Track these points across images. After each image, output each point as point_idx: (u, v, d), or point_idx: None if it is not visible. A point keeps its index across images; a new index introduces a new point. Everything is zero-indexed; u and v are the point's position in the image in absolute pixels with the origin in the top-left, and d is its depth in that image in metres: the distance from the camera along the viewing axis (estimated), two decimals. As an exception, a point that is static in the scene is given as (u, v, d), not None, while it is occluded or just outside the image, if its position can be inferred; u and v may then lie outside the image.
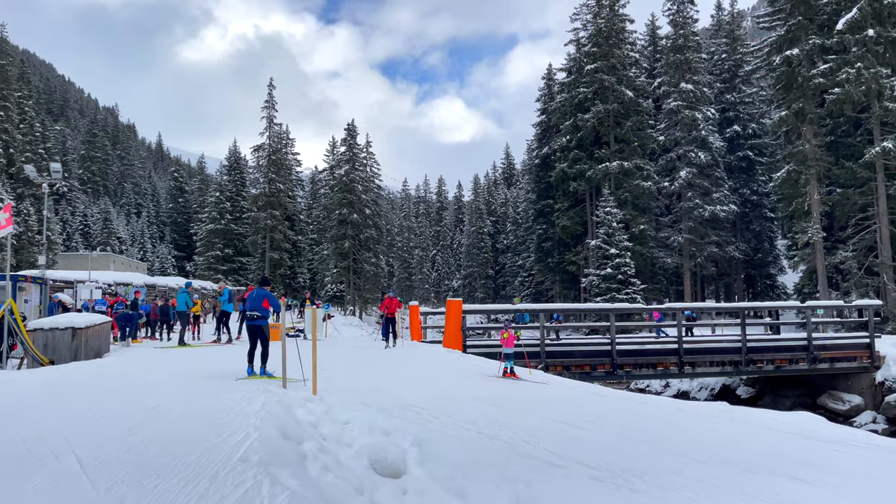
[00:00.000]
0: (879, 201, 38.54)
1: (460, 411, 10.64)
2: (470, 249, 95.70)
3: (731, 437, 9.27)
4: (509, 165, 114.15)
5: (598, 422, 10.13)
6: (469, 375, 14.57)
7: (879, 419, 22.16)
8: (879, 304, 26.56)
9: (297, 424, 8.49)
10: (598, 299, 43.31)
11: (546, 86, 66.70)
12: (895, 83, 37.09)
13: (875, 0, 38.25)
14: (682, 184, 49.45)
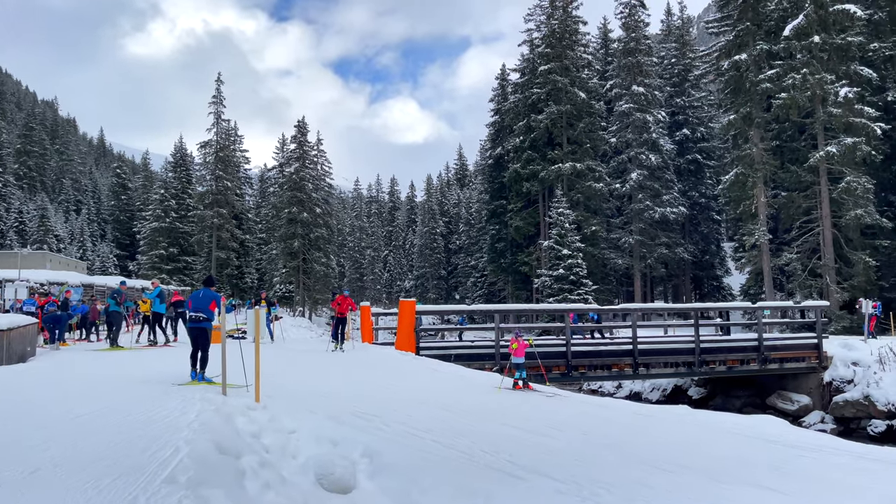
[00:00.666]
0: (823, 204, 39.42)
1: (413, 418, 10.04)
2: (422, 250, 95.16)
3: (694, 442, 8.93)
4: (462, 166, 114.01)
5: (559, 427, 9.68)
6: (441, 381, 13.97)
7: (827, 419, 22.42)
8: (826, 305, 26.98)
9: (236, 436, 7.77)
10: (551, 300, 43.26)
11: (500, 86, 66.62)
12: (839, 89, 37.98)
13: (820, 7, 39.16)
14: (634, 186, 49.87)
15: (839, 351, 23.59)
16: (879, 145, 39.39)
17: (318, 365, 15.13)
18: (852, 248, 39.22)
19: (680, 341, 23.52)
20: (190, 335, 11.71)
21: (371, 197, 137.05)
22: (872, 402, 21.29)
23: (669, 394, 28.60)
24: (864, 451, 8.65)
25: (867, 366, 22.41)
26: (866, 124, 37.88)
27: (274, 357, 15.30)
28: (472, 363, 19.29)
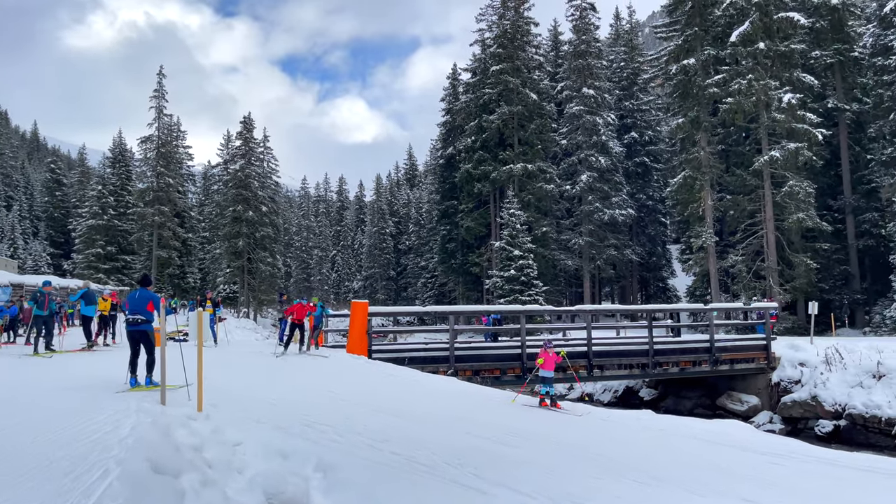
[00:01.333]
0: (766, 208, 40.28)
1: (369, 427, 9.42)
2: (371, 250, 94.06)
3: (665, 450, 8.58)
4: (412, 166, 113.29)
5: (524, 436, 9.21)
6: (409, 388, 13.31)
7: (776, 419, 22.65)
8: (775, 307, 27.40)
9: (175, 451, 7.02)
10: (502, 301, 43.05)
11: (451, 86, 66.24)
12: (782, 95, 38.86)
13: (765, 15, 40.03)
14: (584, 187, 50.15)
15: (787, 352, 23.90)
16: (820, 151, 40.51)
17: (265, 370, 14.32)
18: (794, 250, 40.20)
19: (633, 343, 23.47)
20: (129, 339, 10.90)
21: (319, 196, 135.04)
22: (819, 403, 21.58)
23: (621, 395, 28.61)
24: (835, 458, 8.44)
25: (814, 366, 22.74)
26: (808, 130, 38.87)
27: (218, 362, 14.43)
28: (427, 366, 18.75)
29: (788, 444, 9.31)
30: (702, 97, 42.28)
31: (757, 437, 9.66)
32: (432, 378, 14.69)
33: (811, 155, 38.91)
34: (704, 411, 24.93)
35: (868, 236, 44.12)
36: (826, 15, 44.53)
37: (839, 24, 44.65)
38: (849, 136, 45.25)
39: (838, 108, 44.31)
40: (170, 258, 67.22)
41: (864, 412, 20.38)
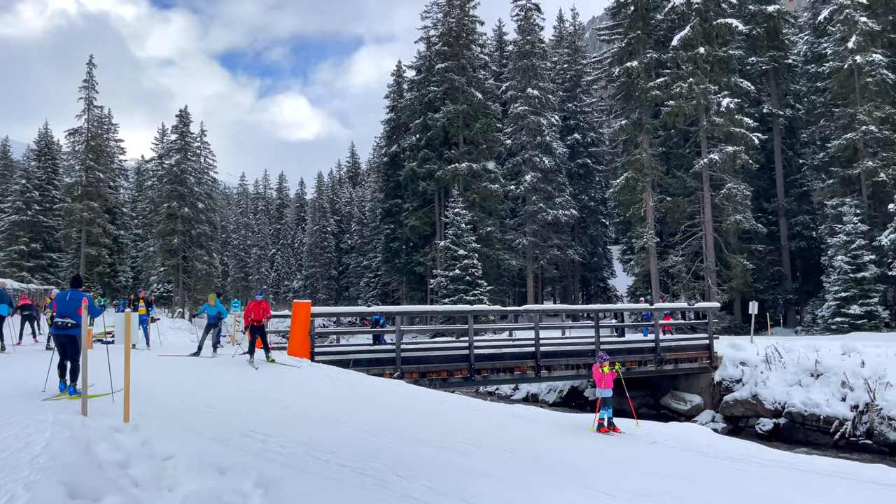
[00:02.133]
0: (705, 209, 41.13)
1: (315, 437, 8.78)
2: (312, 249, 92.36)
3: (628, 457, 8.25)
4: (355, 164, 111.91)
5: (479, 444, 8.74)
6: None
7: (718, 418, 22.90)
8: (717, 307, 27.80)
9: (96, 470, 6.29)
10: (446, 300, 42.68)
11: (395, 83, 65.50)
12: (721, 100, 39.73)
13: (705, 21, 40.85)
14: (528, 188, 50.26)
15: (728, 351, 24.22)
16: (756, 155, 41.63)
17: (201, 374, 13.44)
18: (731, 251, 41.15)
19: (581, 343, 23.37)
20: (56, 343, 10.06)
21: (258, 193, 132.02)
22: (760, 401, 21.90)
23: (566, 395, 28.56)
24: (794, 461, 8.26)
25: (755, 365, 23.10)
26: (745, 134, 39.86)
27: (148, 366, 13.47)
28: (372, 368, 18.13)
29: (748, 447, 9.13)
30: (644, 99, 42.86)
31: (716, 442, 9.45)
32: (379, 381, 14.10)
33: (748, 158, 39.92)
34: (649, 411, 25.05)
35: (800, 238, 45.64)
36: (762, 22, 45.83)
37: (774, 32, 46.01)
38: (782, 141, 46.71)
39: (773, 113, 45.68)
40: (100, 256, 64.25)
41: (803, 410, 20.75)
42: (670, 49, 41.43)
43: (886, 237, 34.31)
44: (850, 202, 37.21)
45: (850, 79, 38.83)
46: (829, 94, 41.48)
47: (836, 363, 21.40)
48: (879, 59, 37.92)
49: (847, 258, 35.25)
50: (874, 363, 20.86)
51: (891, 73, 38.61)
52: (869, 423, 19.47)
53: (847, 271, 35.02)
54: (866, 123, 37.51)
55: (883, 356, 21.49)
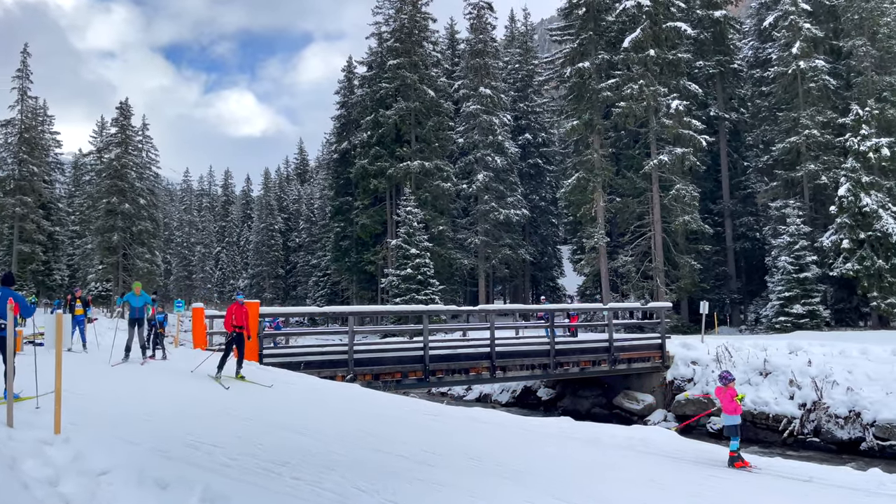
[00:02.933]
0: (654, 210, 41.65)
1: (266, 447, 8.19)
2: (259, 247, 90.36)
3: (597, 464, 7.93)
4: (303, 161, 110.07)
5: (440, 452, 8.29)
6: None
7: (670, 417, 23.02)
8: (669, 307, 28.02)
9: (22, 490, 5.67)
10: (398, 300, 42.12)
11: (346, 79, 64.48)
12: (670, 102, 40.26)
13: (655, 24, 41.35)
14: (480, 187, 50.09)
15: (679, 350, 24.41)
16: (703, 157, 42.36)
17: (141, 379, 12.62)
18: (679, 251, 41.78)
19: (535, 343, 23.20)
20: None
21: (202, 190, 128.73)
22: (711, 400, 21.99)
23: (519, 395, 28.39)
24: (766, 465, 8.06)
25: (705, 365, 23.32)
26: (693, 136, 40.49)
27: (84, 370, 12.58)
28: (324, 371, 17.52)
29: (714, 451, 8.93)
30: (595, 100, 43.14)
31: (677, 442, 9.24)
32: (332, 385, 13.51)
33: (696, 160, 40.58)
34: (602, 410, 25.11)
35: (744, 239, 46.71)
36: (709, 27, 46.71)
37: (721, 37, 46.96)
38: (728, 144, 47.75)
39: (719, 116, 46.63)
40: (33, 253, 61.40)
41: (753, 409, 20.97)
42: (621, 51, 41.79)
43: (827, 238, 35.30)
44: (793, 204, 38.18)
45: (794, 84, 39.86)
46: (774, 99, 42.51)
47: (784, 362, 21.74)
48: (822, 65, 39.02)
49: (790, 259, 36.13)
50: (820, 362, 21.24)
51: (832, 79, 39.79)
52: (816, 421, 19.80)
53: (790, 271, 35.90)
54: (809, 128, 38.54)
55: (828, 355, 21.94)
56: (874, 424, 18.44)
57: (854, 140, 35.20)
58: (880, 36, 38.58)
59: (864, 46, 38.18)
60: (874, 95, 37.67)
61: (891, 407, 18.51)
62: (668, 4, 41.89)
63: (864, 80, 38.41)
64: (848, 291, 36.60)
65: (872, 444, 18.24)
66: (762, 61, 45.72)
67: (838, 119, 38.61)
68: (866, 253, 33.78)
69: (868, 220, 33.81)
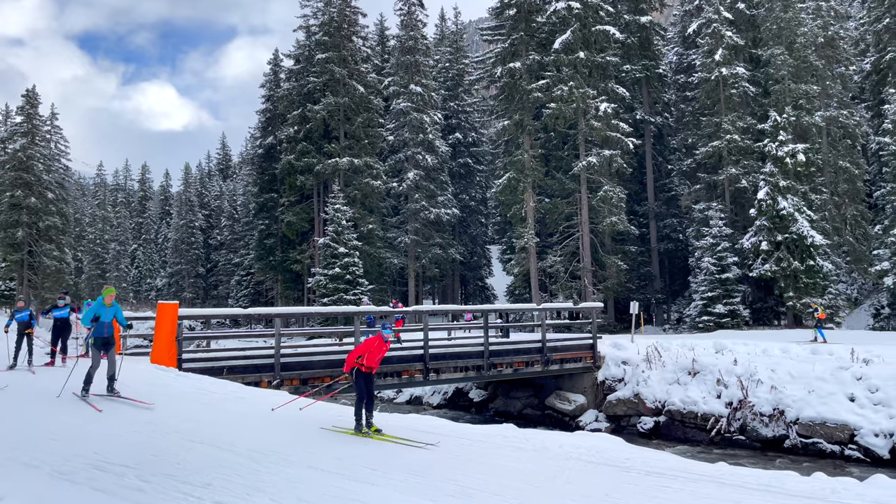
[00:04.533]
0: (582, 211, 42.13)
1: (186, 466, 7.36)
2: (178, 245, 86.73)
3: (546, 475, 7.48)
4: (226, 156, 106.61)
5: (381, 468, 7.66)
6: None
7: (601, 417, 23.07)
8: (601, 307, 28.16)
9: None
10: (325, 300, 41.01)
11: (272, 72, 62.52)
12: (599, 104, 40.79)
13: (584, 27, 41.81)
14: (410, 185, 49.49)
15: (611, 351, 24.49)
16: (630, 159, 43.14)
17: (43, 391, 11.43)
18: (606, 252, 42.41)
19: (469, 344, 22.76)
20: None
21: (118, 184, 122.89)
22: (642, 400, 22.23)
23: (451, 397, 27.95)
24: (717, 474, 7.82)
25: (636, 365, 23.45)
26: (621, 139, 41.17)
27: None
28: (248, 376, 16.51)
29: (666, 459, 8.65)
30: (526, 101, 43.25)
31: (628, 451, 8.93)
32: (258, 393, 12.63)
33: (623, 163, 41.27)
34: (534, 411, 24.97)
35: (668, 240, 47.92)
36: (636, 32, 47.67)
37: (647, 42, 48.02)
38: (653, 147, 48.88)
39: (645, 120, 47.65)
40: (-74, 250, 56.88)
41: (682, 408, 21.21)
42: (552, 52, 42.06)
43: (747, 240, 36.47)
44: (715, 207, 39.31)
45: (716, 90, 41.07)
46: (697, 104, 43.72)
47: (711, 361, 22.08)
48: (742, 73, 40.35)
49: (713, 260, 37.16)
50: (745, 361, 21.67)
51: (752, 87, 41.22)
52: (742, 419, 20.15)
53: (713, 272, 36.92)
54: (730, 133, 39.78)
55: (752, 353, 22.43)
56: (797, 422, 18.86)
57: (772, 146, 36.50)
58: (797, 46, 40.19)
59: (782, 55, 39.69)
60: (791, 103, 39.20)
61: (812, 405, 18.98)
62: (598, 8, 42.45)
63: (781, 88, 39.93)
64: (765, 292, 37.95)
65: (796, 441, 18.66)
66: (686, 67, 47.01)
67: (757, 125, 40.02)
68: (783, 254, 35.07)
69: (785, 222, 35.10)
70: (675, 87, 48.89)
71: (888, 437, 17.03)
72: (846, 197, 42.57)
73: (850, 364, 19.98)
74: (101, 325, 11.00)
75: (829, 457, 17.58)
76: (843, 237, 41.68)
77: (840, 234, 41.54)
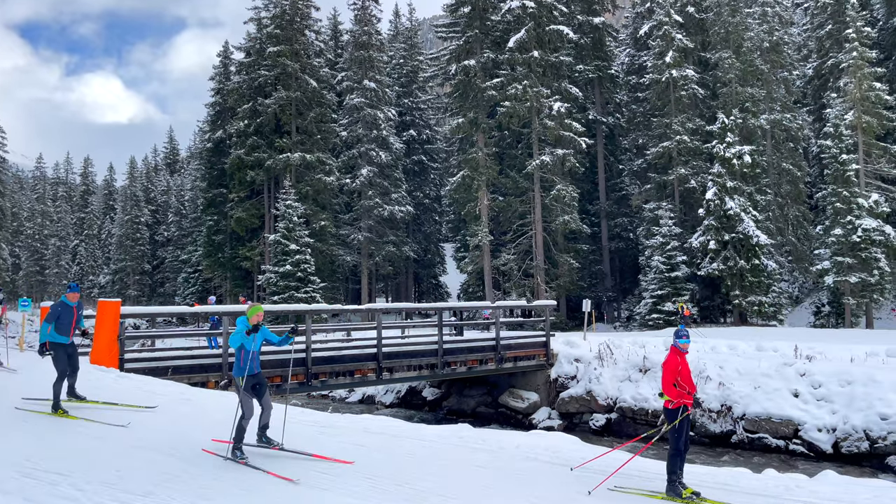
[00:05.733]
0: (536, 210, 42.35)
1: (126, 475, 6.97)
2: (122, 241, 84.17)
3: (505, 477, 7.33)
4: (173, 150, 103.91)
5: (333, 472, 7.40)
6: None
7: (554, 415, 23.17)
8: (553, 305, 28.28)
9: None
10: (276, 298, 40.24)
11: (222, 64, 61.10)
12: (553, 103, 41.05)
13: (538, 26, 42.02)
14: (364, 182, 48.99)
15: (563, 348, 24.61)
16: (582, 159, 43.55)
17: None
18: (559, 250, 42.74)
19: (423, 343, 22.57)
20: None
21: (58, 178, 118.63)
22: (594, 397, 22.39)
23: (404, 396, 27.69)
24: (687, 472, 7.77)
25: (588, 362, 23.62)
26: (574, 138, 41.52)
27: None
28: (194, 376, 15.99)
29: (620, 458, 8.59)
30: (480, 99, 43.24)
31: (588, 453, 8.86)
32: (205, 394, 12.18)
33: (575, 162, 41.63)
34: (487, 409, 24.93)
35: (619, 239, 48.60)
36: (589, 33, 48.17)
37: (599, 43, 48.57)
38: (605, 147, 49.49)
39: (597, 120, 48.19)
40: None
41: (633, 405, 21.44)
42: (506, 50, 42.14)
43: (696, 239, 37.19)
44: (665, 206, 39.99)
45: (667, 91, 41.76)
46: (648, 105, 44.41)
47: (662, 359, 22.29)
48: (692, 75, 41.13)
49: (662, 259, 37.79)
50: (694, 358, 21.92)
51: (701, 89, 42.07)
52: (692, 415, 20.45)
53: (662, 271, 37.54)
54: (679, 134, 40.50)
55: (701, 351, 22.80)
56: (744, 418, 19.25)
57: (720, 147, 37.28)
58: (744, 50, 41.16)
59: (730, 59, 40.58)
60: (738, 105, 40.13)
61: (758, 401, 19.40)
62: (552, 8, 42.71)
63: (728, 91, 40.84)
64: (713, 290, 38.77)
65: (742, 436, 19.03)
66: (637, 68, 47.70)
67: (706, 126, 40.84)
68: (730, 254, 35.88)
69: (731, 222, 35.91)
70: (626, 87, 49.58)
71: (831, 431, 17.49)
72: (789, 198, 43.82)
73: (793, 360, 20.49)
74: (248, 355, 8.01)
75: (775, 451, 17.97)
76: (785, 237, 42.88)
77: (783, 234, 42.73)
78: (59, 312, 9.82)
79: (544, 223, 42.42)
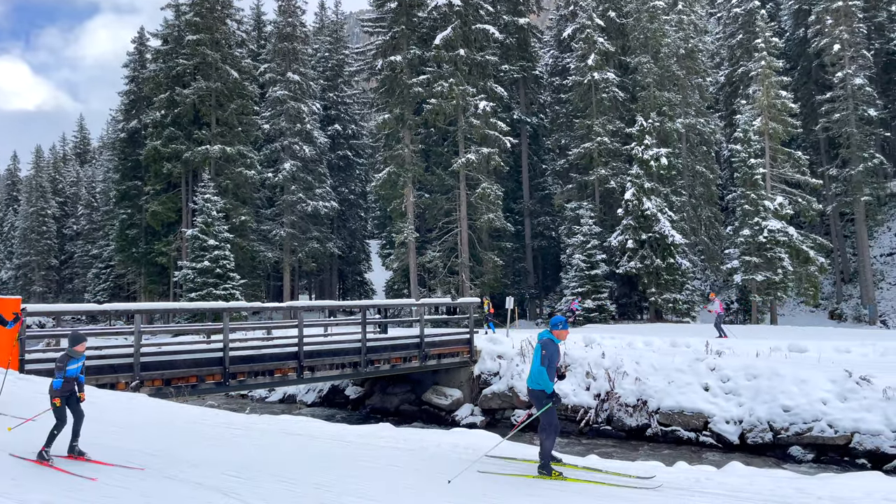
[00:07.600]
0: (461, 207, 42.61)
1: (24, 484, 6.53)
2: (27, 234, 79.56)
3: (431, 477, 7.26)
4: (84, 140, 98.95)
5: (246, 474, 7.15)
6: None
7: (476, 411, 23.32)
8: (478, 302, 28.47)
9: None
10: (193, 295, 38.90)
11: (137, 51, 58.52)
12: (478, 102, 41.34)
13: (465, 24, 42.24)
14: (287, 176, 48.00)
15: (486, 345, 24.82)
16: (507, 158, 44.10)
17: None
18: (484, 248, 43.15)
19: (346, 341, 22.27)
20: None
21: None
22: (516, 394, 22.65)
23: (326, 394, 27.28)
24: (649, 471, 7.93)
25: (511, 358, 23.88)
26: (499, 137, 41.96)
27: None
28: (103, 377, 15.22)
29: (536, 455, 8.67)
30: (407, 95, 43.11)
31: (509, 450, 8.91)
32: (113, 396, 11.59)
33: (500, 161, 42.10)
34: (411, 407, 24.85)
35: (542, 237, 49.49)
36: (514, 33, 48.76)
37: (524, 44, 49.24)
38: (529, 147, 50.25)
39: (521, 119, 48.88)
40: None
41: (554, 400, 21.78)
42: (433, 48, 42.13)
43: (615, 238, 38.29)
44: (586, 206, 40.98)
45: (589, 93, 42.78)
46: (570, 106, 45.37)
47: (582, 354, 22.86)
48: (613, 78, 42.28)
49: (583, 257, 38.72)
50: (612, 354, 22.59)
51: (621, 92, 43.28)
52: (609, 410, 20.99)
53: (583, 269, 38.47)
54: (601, 135, 41.58)
55: (618, 347, 23.50)
56: (658, 412, 19.88)
57: (638, 149, 38.50)
58: (661, 55, 42.61)
59: (648, 64, 41.94)
60: (655, 109, 41.51)
61: (672, 395, 20.07)
62: (478, 7, 43.00)
63: (647, 95, 42.19)
64: (630, 287, 40.02)
65: (657, 429, 19.66)
66: (561, 70, 48.67)
67: (625, 129, 42.07)
68: (647, 252, 37.12)
69: (649, 222, 37.15)
70: (550, 88, 50.50)
71: (737, 423, 18.29)
72: (702, 199, 45.70)
73: (704, 356, 21.33)
74: None
75: (687, 443, 18.64)
76: (698, 237, 44.71)
77: (696, 234, 44.53)
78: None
79: (469, 221, 42.71)
